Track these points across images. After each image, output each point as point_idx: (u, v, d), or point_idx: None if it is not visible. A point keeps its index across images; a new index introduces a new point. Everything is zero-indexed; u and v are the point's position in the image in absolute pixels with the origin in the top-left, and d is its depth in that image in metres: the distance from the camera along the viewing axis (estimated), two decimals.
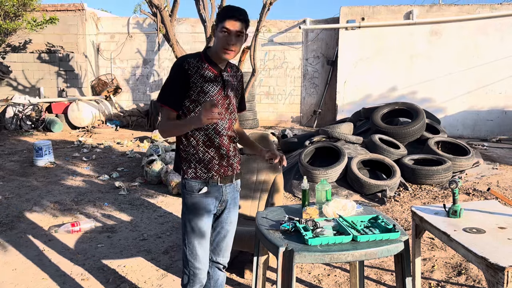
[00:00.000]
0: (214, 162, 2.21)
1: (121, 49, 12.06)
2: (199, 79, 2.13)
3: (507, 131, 9.74)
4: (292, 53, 11.43)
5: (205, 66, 2.16)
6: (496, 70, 9.65)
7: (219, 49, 2.11)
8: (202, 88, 2.13)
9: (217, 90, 2.18)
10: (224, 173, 2.24)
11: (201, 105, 2.12)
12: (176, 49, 8.46)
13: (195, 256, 2.25)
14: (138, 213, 4.87)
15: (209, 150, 2.20)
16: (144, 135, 9.70)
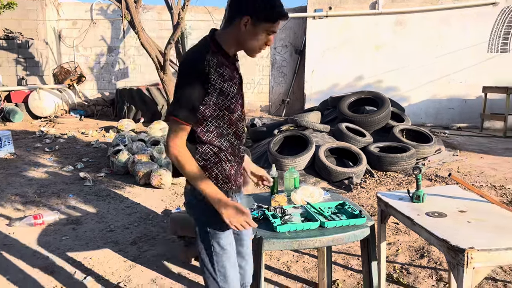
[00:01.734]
0: (232, 172, 1.89)
1: (84, 36, 11.68)
2: (218, 79, 1.75)
3: (467, 119, 10.11)
4: None
5: (221, 60, 1.77)
6: (458, 60, 9.96)
7: (254, 49, 1.80)
8: (221, 90, 1.76)
9: (236, 88, 1.84)
10: (239, 182, 1.98)
11: (219, 110, 1.79)
12: (142, 36, 8.27)
13: (230, 281, 1.87)
14: (105, 204, 4.77)
15: (230, 157, 1.88)
16: (110, 124, 9.47)
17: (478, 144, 7.77)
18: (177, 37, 8.58)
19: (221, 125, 1.84)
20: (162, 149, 6.35)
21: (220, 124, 1.83)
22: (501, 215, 2.32)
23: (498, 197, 4.87)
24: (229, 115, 1.84)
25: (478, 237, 2.03)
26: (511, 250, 1.93)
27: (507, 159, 6.45)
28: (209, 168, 1.83)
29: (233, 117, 1.86)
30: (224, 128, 1.85)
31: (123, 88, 10.51)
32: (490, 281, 3.11)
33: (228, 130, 1.86)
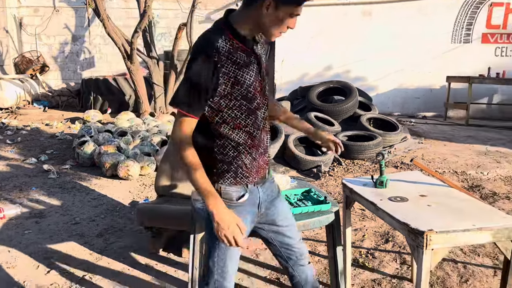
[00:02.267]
0: (254, 164, 1.78)
1: (47, 24, 11.26)
2: (232, 67, 1.63)
3: (432, 108, 10.38)
4: None
5: (235, 45, 1.64)
6: (423, 50, 10.18)
7: (274, 32, 1.66)
8: (236, 78, 1.64)
9: (254, 76, 1.70)
10: (262, 173, 1.85)
11: (236, 100, 1.66)
12: (107, 25, 8.06)
13: (225, 275, 1.82)
14: (70, 197, 4.65)
15: (250, 150, 1.76)
16: (75, 116, 9.22)
17: (442, 132, 8.01)
18: (144, 25, 8.40)
19: (239, 115, 1.70)
20: (130, 140, 6.24)
21: (237, 115, 1.70)
22: (459, 199, 2.40)
23: (459, 182, 5.05)
24: (247, 104, 1.70)
25: (437, 220, 2.09)
26: (467, 232, 2.01)
27: (468, 146, 6.68)
28: (227, 163, 1.74)
29: (252, 106, 1.72)
30: (242, 119, 1.71)
31: (89, 78, 10.23)
32: (450, 262, 3.23)
33: (246, 120, 1.72)
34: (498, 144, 6.85)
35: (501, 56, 10.22)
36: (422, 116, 10.04)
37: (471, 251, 3.39)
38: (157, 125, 7.27)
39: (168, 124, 7.30)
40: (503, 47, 10.20)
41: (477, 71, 9.72)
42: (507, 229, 2.05)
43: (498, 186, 4.90)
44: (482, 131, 8.18)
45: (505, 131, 8.28)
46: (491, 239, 2.05)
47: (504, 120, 9.92)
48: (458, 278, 3.02)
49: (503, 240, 2.06)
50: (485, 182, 5.02)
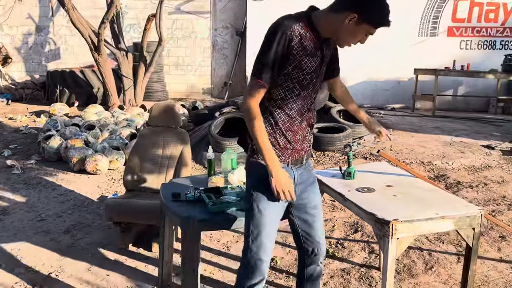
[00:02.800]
0: (288, 146, 1.93)
1: (9, 14, 10.82)
2: (300, 51, 1.79)
3: (400, 100, 10.60)
4: (201, 23, 11.18)
5: (308, 35, 1.80)
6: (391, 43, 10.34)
7: (345, 42, 1.86)
8: (299, 63, 1.80)
9: (314, 67, 1.85)
10: (297, 156, 1.98)
11: (291, 82, 1.83)
12: (73, 15, 7.82)
13: (259, 244, 1.92)
14: (35, 193, 4.51)
15: (286, 133, 1.91)
16: (41, 109, 8.91)
17: (410, 123, 8.20)
18: (111, 16, 8.19)
19: (288, 97, 1.87)
20: (98, 134, 6.09)
21: (287, 96, 1.86)
22: (424, 189, 2.47)
23: (426, 172, 5.19)
24: (299, 89, 1.86)
25: (402, 209, 2.15)
26: (431, 220, 2.07)
27: (434, 137, 6.86)
28: None
29: (303, 93, 1.88)
30: (290, 102, 1.87)
31: (55, 70, 9.91)
32: (416, 250, 3.32)
33: (293, 104, 1.88)
34: (462, 135, 7.07)
35: (465, 49, 10.52)
36: (391, 108, 10.24)
37: (436, 238, 3.49)
38: (126, 118, 7.13)
39: (137, 117, 7.17)
40: (467, 40, 10.50)
41: (443, 63, 9.98)
42: (469, 217, 2.12)
43: (462, 175, 5.07)
44: (447, 122, 8.42)
45: (469, 122, 8.55)
46: (453, 227, 2.12)
47: (469, 111, 10.24)
48: (423, 265, 3.11)
49: (465, 228, 2.14)
50: (450, 172, 5.18)
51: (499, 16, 10.41)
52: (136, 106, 8.50)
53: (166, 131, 3.66)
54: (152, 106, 3.81)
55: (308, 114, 1.97)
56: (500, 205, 4.20)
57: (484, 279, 2.93)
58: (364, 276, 2.97)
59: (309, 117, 1.99)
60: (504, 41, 10.52)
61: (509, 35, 10.53)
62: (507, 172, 5.17)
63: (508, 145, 6.33)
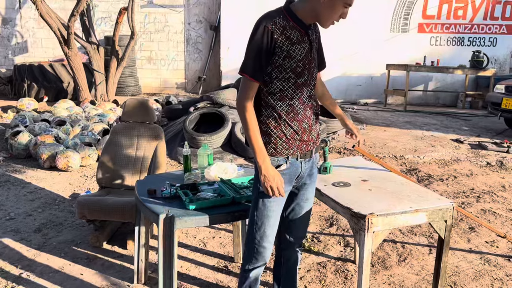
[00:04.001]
0: (295, 137, 1.96)
1: None
2: (285, 41, 1.84)
3: (373, 95, 10.79)
4: (174, 17, 11.02)
5: (291, 24, 1.86)
6: (364, 39, 10.50)
7: (327, 21, 1.87)
8: (288, 52, 1.85)
9: (304, 53, 1.90)
10: (305, 149, 2.01)
11: (285, 72, 1.87)
12: (41, 7, 7.57)
13: (263, 234, 2.02)
14: (3, 191, 4.36)
15: (292, 123, 1.94)
16: (8, 104, 8.61)
17: (382, 118, 8.35)
18: (81, 9, 7.96)
19: (286, 87, 1.90)
20: (69, 130, 5.94)
21: (285, 87, 1.90)
22: (398, 183, 2.52)
23: (398, 166, 5.30)
24: (295, 78, 1.90)
25: (377, 203, 2.18)
26: (405, 214, 2.11)
27: (406, 132, 7.02)
28: (268, 134, 1.93)
29: (299, 81, 1.91)
30: (289, 92, 1.91)
31: (22, 64, 9.58)
32: (390, 243, 3.39)
33: (293, 93, 1.92)
34: (433, 129, 7.25)
35: (435, 45, 10.78)
36: (364, 103, 10.40)
37: (409, 231, 3.58)
38: (98, 113, 6.97)
39: (110, 112, 7.02)
40: (437, 37, 10.76)
41: (414, 59, 10.20)
42: (441, 210, 2.18)
43: (432, 169, 5.21)
44: (418, 117, 8.62)
45: (438, 116, 8.78)
46: (426, 220, 2.17)
47: (438, 106, 10.53)
48: (397, 257, 3.18)
49: (437, 220, 2.19)
50: (421, 166, 5.31)
51: (467, 13, 10.71)
52: (109, 101, 8.33)
53: (139, 126, 3.60)
54: (125, 101, 3.74)
55: (310, 101, 2.01)
56: (469, 197, 4.34)
57: (455, 270, 3.02)
58: (340, 269, 3.01)
59: (312, 105, 2.03)
60: (472, 38, 10.83)
61: (477, 31, 10.85)
62: (475, 165, 5.34)
63: (476, 139, 6.53)
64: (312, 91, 2.02)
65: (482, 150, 5.94)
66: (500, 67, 10.92)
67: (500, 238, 3.43)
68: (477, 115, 9.01)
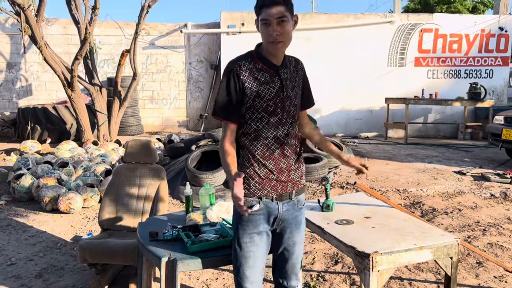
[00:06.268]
0: (271, 177, 1.93)
1: None
2: (254, 82, 1.88)
3: (373, 128, 10.86)
4: (175, 57, 11.28)
5: (259, 66, 1.91)
6: (362, 73, 10.68)
7: (266, 44, 1.89)
8: (257, 93, 1.89)
9: (275, 93, 1.91)
10: (282, 190, 1.96)
11: (257, 112, 1.90)
12: (45, 52, 7.77)
13: (242, 275, 1.97)
14: (5, 236, 4.33)
15: (267, 162, 1.92)
16: (11, 147, 8.68)
17: (384, 151, 8.37)
18: (84, 52, 8.18)
19: (260, 127, 1.91)
20: (71, 171, 5.96)
21: (259, 127, 1.92)
22: (401, 219, 2.50)
23: (401, 200, 5.27)
24: (268, 117, 1.91)
25: (381, 241, 2.16)
26: (409, 251, 2.08)
27: (408, 165, 7.01)
28: (242, 171, 1.90)
29: (273, 119, 1.92)
30: (264, 131, 1.92)
31: (26, 107, 9.73)
32: (397, 280, 3.32)
33: (267, 133, 1.92)
34: (435, 161, 7.25)
35: (432, 78, 10.96)
36: (365, 137, 10.45)
37: (415, 267, 3.51)
38: (100, 154, 7.01)
39: (112, 152, 7.06)
40: (434, 70, 10.95)
41: (412, 92, 10.33)
42: (446, 246, 2.15)
43: (436, 202, 5.17)
44: (420, 149, 8.64)
45: (440, 148, 8.80)
46: (431, 257, 2.14)
47: (439, 138, 10.57)
48: None
49: (443, 257, 2.16)
50: (425, 199, 5.27)
51: (462, 47, 10.95)
52: (111, 141, 8.40)
53: (142, 167, 3.62)
54: (128, 142, 3.77)
55: (289, 141, 1.97)
56: (475, 231, 4.28)
57: None
58: None
59: (292, 144, 1.99)
60: (469, 70, 11.02)
61: (473, 64, 11.05)
62: (479, 198, 5.31)
63: (479, 170, 6.52)
64: (291, 130, 1.98)
65: (485, 182, 5.91)
66: (498, 98, 11.04)
67: (509, 273, 3.37)
68: (478, 146, 9.02)
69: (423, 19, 10.87)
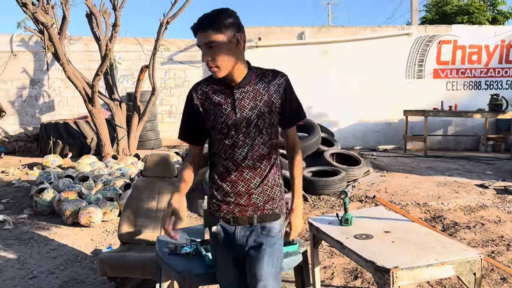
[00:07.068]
0: (228, 199, 1.86)
1: (3, 69, 11.00)
2: (210, 105, 1.86)
3: (391, 140, 10.74)
4: (193, 72, 11.43)
5: (216, 87, 1.87)
6: (380, 86, 10.62)
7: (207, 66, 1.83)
8: (214, 115, 1.86)
9: (226, 114, 1.84)
10: (239, 213, 1.85)
11: (217, 134, 1.86)
12: (67, 68, 7.98)
13: None
14: (27, 249, 4.41)
15: (224, 184, 1.86)
16: (34, 161, 8.89)
17: (403, 164, 8.26)
18: (105, 68, 8.37)
19: (220, 148, 1.88)
20: (92, 185, 6.05)
21: (218, 148, 1.89)
22: (421, 234, 2.46)
23: (422, 214, 5.17)
24: (224, 139, 1.86)
25: (401, 256, 2.13)
26: (431, 267, 2.04)
27: (428, 178, 6.90)
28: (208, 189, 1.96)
29: (228, 142, 1.85)
30: (222, 152, 1.87)
31: (49, 122, 9.97)
32: None
33: (225, 154, 1.86)
34: (456, 174, 7.11)
35: (452, 90, 10.82)
36: (383, 149, 10.34)
37: (437, 283, 3.43)
38: (120, 167, 7.11)
39: (131, 166, 7.15)
40: (453, 82, 10.82)
41: (431, 104, 10.21)
42: (468, 262, 2.11)
43: (458, 216, 5.06)
44: (440, 162, 8.49)
45: (460, 161, 8.64)
46: (453, 272, 2.09)
47: (459, 150, 10.38)
48: None
49: (466, 273, 2.11)
50: (446, 213, 5.17)
51: (482, 58, 10.81)
52: (130, 155, 8.51)
53: (160, 181, 3.65)
54: (147, 156, 3.83)
55: (249, 163, 1.85)
56: (499, 246, 4.17)
57: None
58: None
59: (255, 167, 1.86)
60: (489, 81, 10.85)
61: (493, 75, 10.88)
62: (503, 211, 5.18)
63: (502, 183, 6.37)
64: (251, 152, 1.84)
65: (509, 195, 5.76)
66: None
67: None
68: (501, 158, 8.82)
69: (441, 30, 10.79)
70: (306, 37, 10.67)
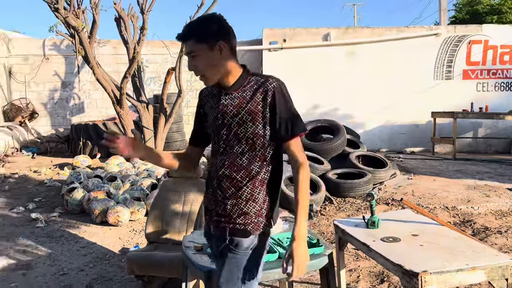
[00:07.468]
0: (210, 207, 1.86)
1: (36, 72, 11.37)
2: (208, 108, 1.89)
3: (419, 143, 10.53)
4: None
5: (214, 91, 1.86)
6: (407, 87, 10.44)
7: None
8: (209, 118, 1.87)
9: (212, 118, 1.84)
10: (216, 222, 1.82)
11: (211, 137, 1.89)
12: (97, 71, 8.17)
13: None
14: (58, 246, 4.54)
15: (209, 189, 1.87)
16: (64, 161, 9.14)
17: (430, 167, 8.09)
18: (133, 71, 8.53)
19: (211, 154, 1.90)
20: (119, 185, 6.18)
21: (211, 153, 1.91)
22: (451, 237, 2.41)
23: (451, 218, 5.06)
24: (213, 145, 1.88)
25: (430, 260, 2.09)
26: (461, 271, 2.00)
27: (457, 181, 6.73)
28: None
29: (214, 147, 1.87)
30: (212, 157, 1.89)
31: (79, 124, 10.24)
32: None
33: (213, 159, 1.87)
34: (486, 178, 6.92)
35: (482, 91, 10.52)
36: (411, 152, 10.15)
37: None
38: (147, 168, 7.24)
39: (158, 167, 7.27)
40: (484, 83, 10.52)
41: (460, 106, 9.96)
42: (501, 267, 2.05)
43: (489, 220, 4.92)
44: (469, 165, 8.27)
45: (491, 164, 8.39)
46: (485, 278, 2.04)
47: (490, 153, 10.09)
48: None
49: (498, 279, 2.06)
50: (476, 217, 5.03)
51: None
52: None
53: (186, 182, 3.70)
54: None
55: (226, 172, 1.78)
56: None
57: None
58: None
59: (231, 177, 1.76)
60: None
61: None
62: None
63: None
64: (230, 161, 1.77)
65: None
66: None
67: None
68: None
69: (471, 30, 10.52)
70: (331, 38, 10.59)
